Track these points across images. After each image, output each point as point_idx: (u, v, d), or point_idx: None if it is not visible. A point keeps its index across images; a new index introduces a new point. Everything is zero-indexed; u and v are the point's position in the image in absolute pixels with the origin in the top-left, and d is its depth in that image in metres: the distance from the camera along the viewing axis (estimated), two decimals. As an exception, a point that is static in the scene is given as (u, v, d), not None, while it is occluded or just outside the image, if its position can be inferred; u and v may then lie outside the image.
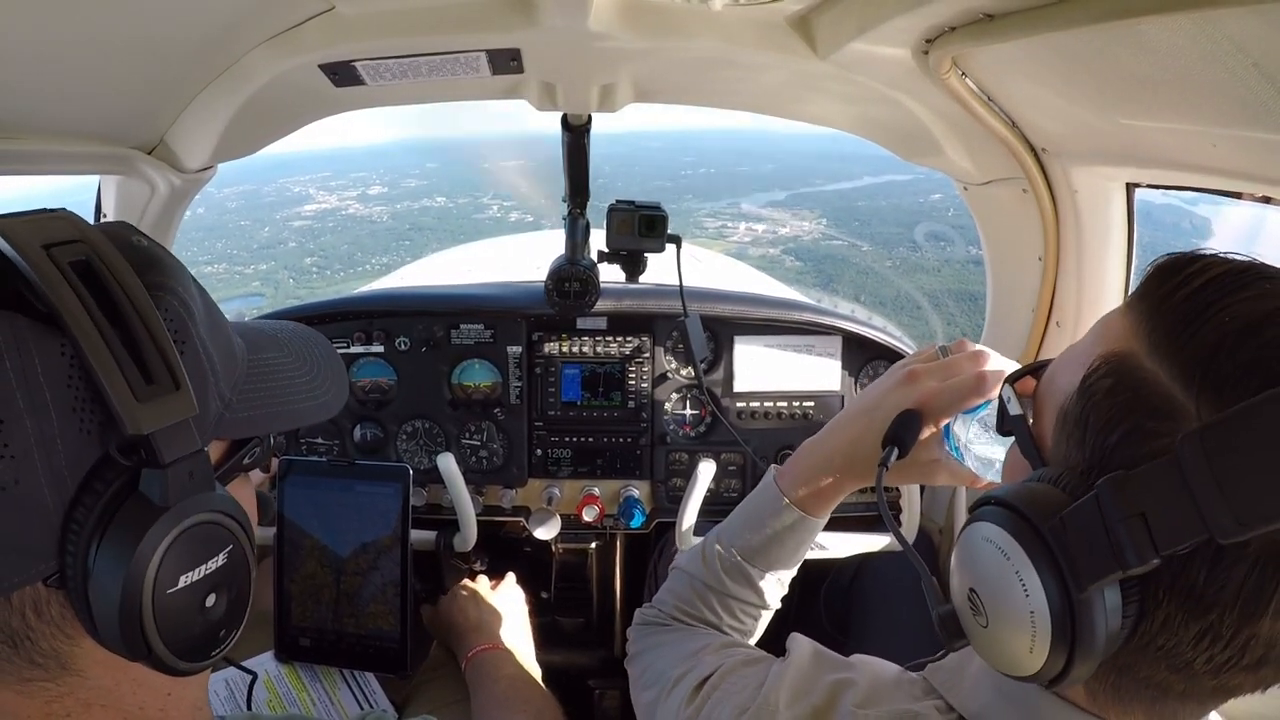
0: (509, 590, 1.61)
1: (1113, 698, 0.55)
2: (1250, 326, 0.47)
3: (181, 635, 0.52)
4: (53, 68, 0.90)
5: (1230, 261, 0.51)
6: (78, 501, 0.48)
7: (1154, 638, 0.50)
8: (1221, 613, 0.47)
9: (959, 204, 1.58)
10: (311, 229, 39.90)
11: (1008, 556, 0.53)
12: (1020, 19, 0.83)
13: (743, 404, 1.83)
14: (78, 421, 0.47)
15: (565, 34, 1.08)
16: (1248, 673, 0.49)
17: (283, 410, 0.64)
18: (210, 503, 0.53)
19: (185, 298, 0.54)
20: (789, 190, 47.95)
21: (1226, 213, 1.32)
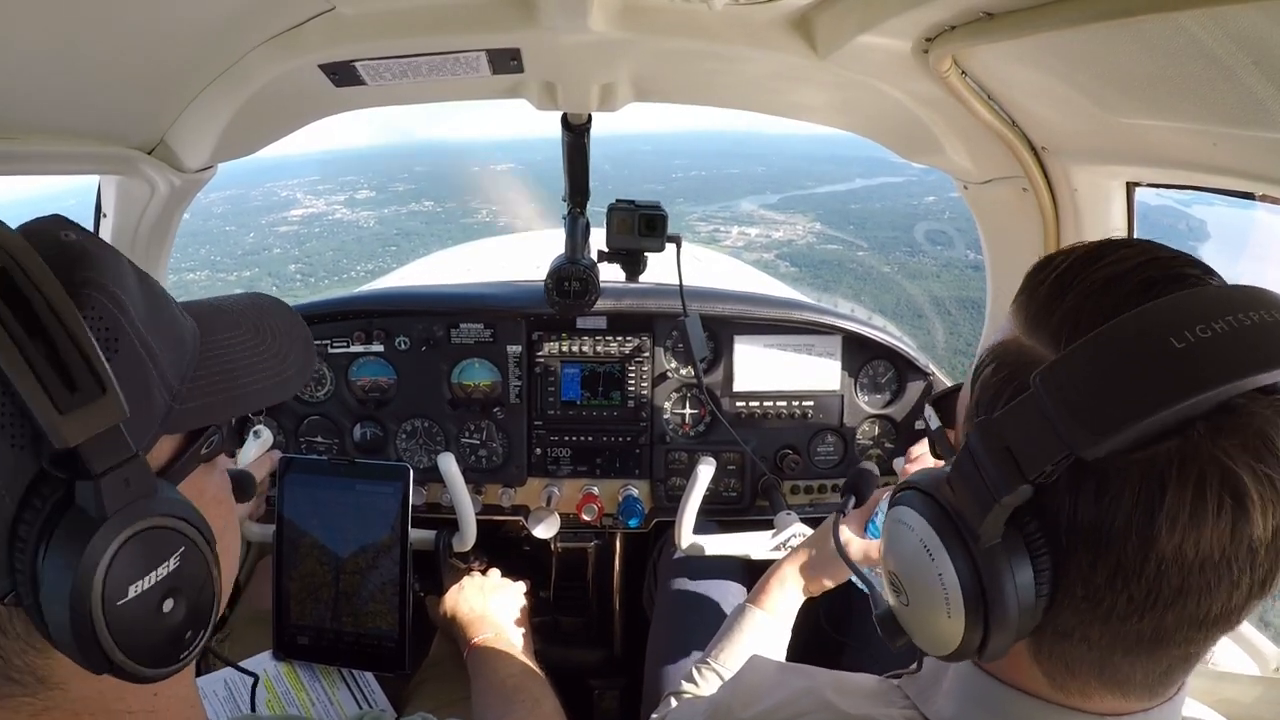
0: (510, 584, 1.62)
1: (1066, 674, 0.56)
2: (1103, 286, 0.52)
3: (141, 644, 0.51)
4: (53, 68, 0.90)
5: (1088, 245, 0.56)
6: (19, 518, 0.47)
7: (1073, 589, 0.51)
8: (1123, 544, 0.48)
9: (954, 206, 1.58)
10: (297, 234, 39.78)
11: (912, 528, 0.56)
12: (1020, 17, 0.82)
13: (742, 404, 1.83)
14: (9, 438, 0.46)
15: (565, 34, 1.08)
16: (1175, 609, 0.49)
17: (240, 394, 0.62)
18: (152, 508, 0.51)
19: (116, 292, 0.52)
20: (781, 193, 47.93)
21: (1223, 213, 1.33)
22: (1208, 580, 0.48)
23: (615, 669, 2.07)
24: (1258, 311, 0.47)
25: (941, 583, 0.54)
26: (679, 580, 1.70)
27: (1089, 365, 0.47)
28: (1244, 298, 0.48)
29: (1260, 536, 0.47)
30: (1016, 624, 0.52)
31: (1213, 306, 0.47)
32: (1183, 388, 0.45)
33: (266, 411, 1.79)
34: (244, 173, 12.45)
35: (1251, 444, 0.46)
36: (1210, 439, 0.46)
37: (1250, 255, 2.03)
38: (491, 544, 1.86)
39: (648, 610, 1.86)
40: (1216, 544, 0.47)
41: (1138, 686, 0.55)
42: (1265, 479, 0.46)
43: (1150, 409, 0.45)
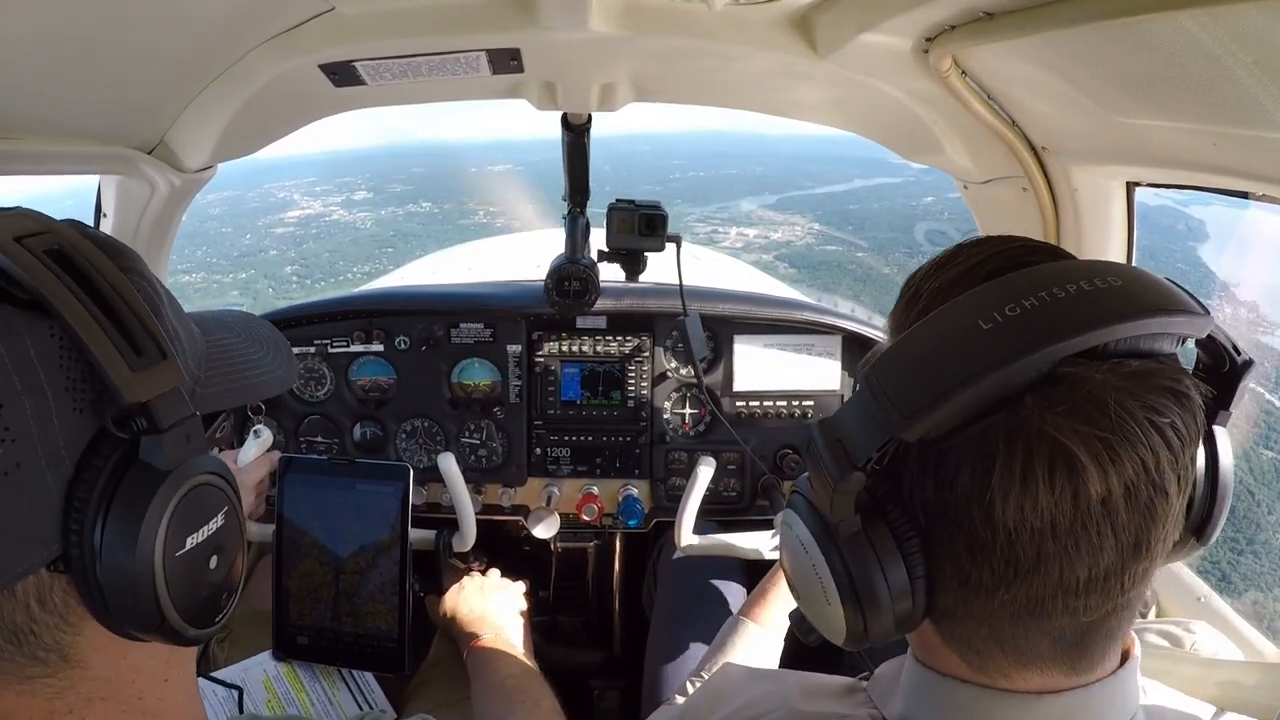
0: (510, 585, 1.62)
1: (973, 653, 0.57)
2: (950, 285, 0.57)
3: (190, 600, 0.53)
4: (53, 68, 0.90)
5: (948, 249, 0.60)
6: (77, 480, 0.48)
7: (942, 568, 0.54)
8: (970, 520, 0.50)
9: (953, 207, 1.58)
10: (294, 236, 39.69)
11: (791, 527, 0.60)
12: (1020, 17, 0.82)
13: (742, 403, 1.83)
14: (72, 400, 0.48)
15: (565, 34, 1.08)
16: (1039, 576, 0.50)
17: (244, 385, 0.66)
18: (207, 464, 0.54)
19: (150, 279, 0.57)
20: (779, 193, 47.91)
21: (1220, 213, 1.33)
22: (1064, 546, 0.49)
23: (615, 669, 2.07)
24: (1075, 283, 0.49)
25: (816, 573, 0.57)
26: (679, 580, 1.70)
27: (904, 355, 0.51)
28: (1064, 273, 0.50)
29: (1106, 497, 0.48)
30: (892, 606, 0.54)
31: (1028, 286, 0.49)
32: (986, 364, 0.47)
33: (266, 411, 1.79)
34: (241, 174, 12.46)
35: (1081, 408, 0.47)
36: (1038, 409, 0.48)
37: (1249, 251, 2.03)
38: (491, 544, 1.86)
39: (647, 610, 1.86)
40: (1060, 510, 0.48)
41: (1048, 659, 0.55)
42: (1097, 441, 0.47)
43: (954, 386, 0.47)
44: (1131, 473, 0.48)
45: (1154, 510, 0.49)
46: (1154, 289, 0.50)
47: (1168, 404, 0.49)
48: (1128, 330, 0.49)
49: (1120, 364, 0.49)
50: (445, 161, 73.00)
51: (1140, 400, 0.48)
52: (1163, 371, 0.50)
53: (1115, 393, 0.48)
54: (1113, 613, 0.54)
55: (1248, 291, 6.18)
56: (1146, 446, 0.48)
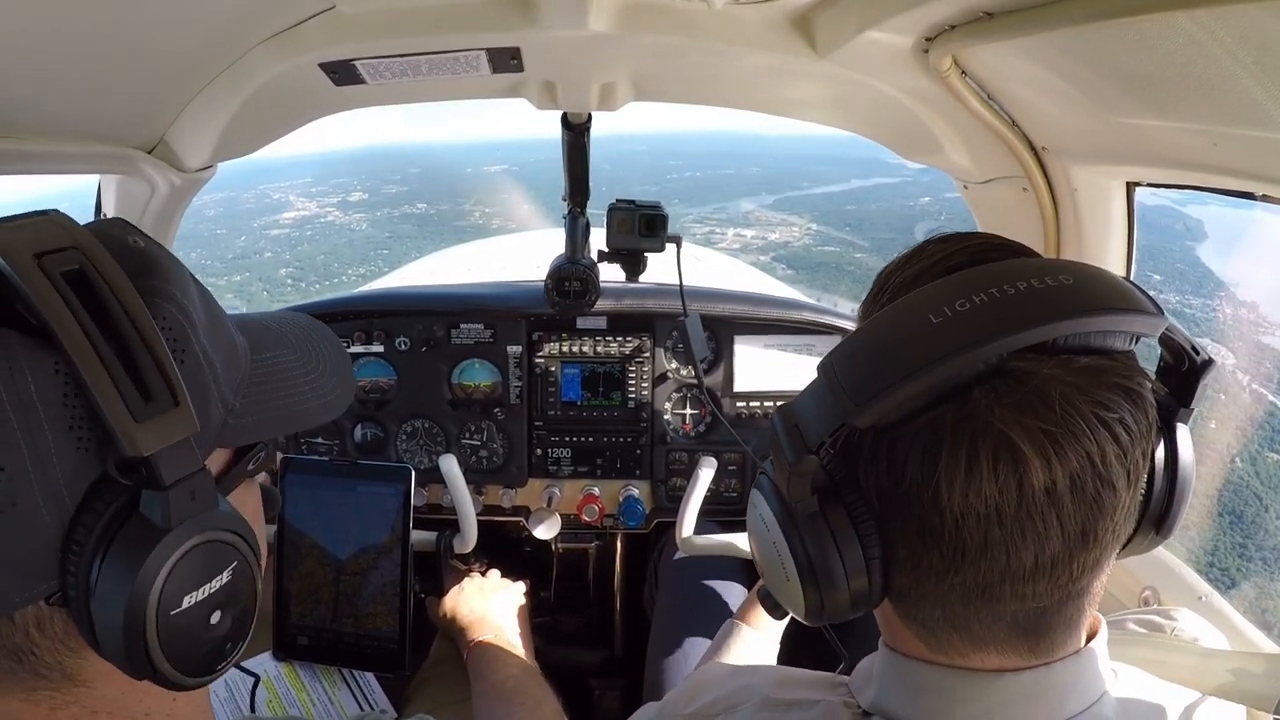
0: (511, 585, 1.62)
1: (929, 634, 0.59)
2: (914, 278, 0.58)
3: (187, 654, 0.51)
4: (53, 68, 0.90)
5: (916, 245, 0.62)
6: (77, 521, 0.47)
7: (896, 551, 0.56)
8: (920, 505, 0.52)
9: (950, 206, 1.59)
10: (289, 238, 39.26)
11: (756, 506, 0.62)
12: (1020, 17, 0.82)
13: (743, 404, 1.83)
14: (75, 439, 0.46)
15: (565, 33, 1.08)
16: (985, 562, 0.52)
17: (288, 412, 0.62)
18: (213, 521, 0.51)
19: (184, 303, 0.52)
20: (777, 194, 47.80)
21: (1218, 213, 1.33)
22: (1009, 533, 0.51)
23: (616, 669, 2.07)
24: (1025, 280, 0.50)
25: (777, 551, 0.59)
26: (679, 580, 1.70)
27: (859, 346, 0.53)
28: (1016, 270, 0.52)
29: (1049, 487, 0.49)
30: (847, 585, 0.57)
31: (979, 282, 0.51)
32: (931, 356, 0.49)
33: None
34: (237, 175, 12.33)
35: (1026, 401, 0.49)
36: (985, 401, 0.49)
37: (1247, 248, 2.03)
38: (492, 545, 1.86)
39: (648, 610, 1.86)
40: (1003, 499, 0.50)
41: (1004, 642, 0.57)
42: (1041, 434, 0.48)
43: (902, 375, 0.49)
44: (1076, 465, 0.49)
45: (1100, 502, 0.51)
46: (1106, 287, 0.52)
47: (1117, 400, 0.50)
48: (1074, 327, 0.50)
49: (1069, 360, 0.50)
50: (441, 162, 72.87)
51: (1088, 395, 0.49)
52: (1114, 369, 0.51)
53: (1061, 387, 0.49)
54: (1066, 600, 0.55)
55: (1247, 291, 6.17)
56: (1092, 440, 0.49)
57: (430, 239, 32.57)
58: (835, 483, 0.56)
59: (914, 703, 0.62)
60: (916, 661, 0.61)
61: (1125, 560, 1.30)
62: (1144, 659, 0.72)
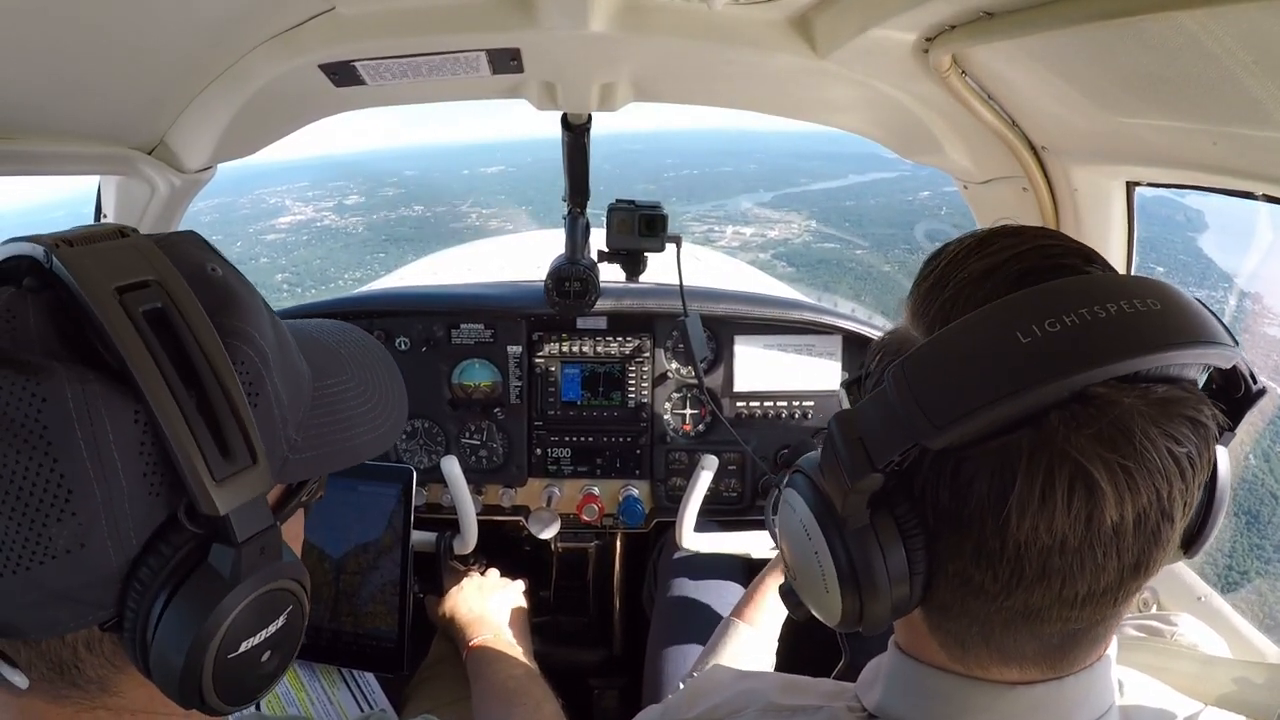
0: (510, 585, 1.62)
1: (958, 647, 0.58)
2: (982, 275, 0.54)
3: (236, 690, 0.52)
4: (53, 68, 0.90)
5: (981, 232, 0.58)
6: (142, 560, 0.47)
7: (944, 566, 0.54)
8: (980, 528, 0.50)
9: (950, 201, 1.59)
10: (285, 243, 38.81)
11: (795, 510, 0.59)
12: (1020, 17, 0.82)
13: (742, 404, 1.83)
14: (147, 486, 0.45)
15: (565, 33, 1.08)
16: (1040, 588, 0.51)
17: (345, 447, 0.60)
18: (278, 571, 0.51)
19: (261, 344, 0.51)
20: (775, 190, 47.54)
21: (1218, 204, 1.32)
22: (1069, 564, 0.49)
23: (615, 669, 2.07)
24: (1117, 303, 0.48)
25: (818, 561, 0.57)
26: (679, 580, 1.70)
27: (938, 359, 0.49)
28: (1106, 288, 0.49)
29: (1117, 524, 0.48)
30: (891, 598, 0.55)
31: (1069, 299, 0.48)
32: (1020, 381, 0.46)
33: None
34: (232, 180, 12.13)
35: (1106, 434, 0.47)
36: (1063, 429, 0.47)
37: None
38: (492, 545, 1.86)
39: (648, 610, 1.86)
40: (1071, 531, 0.48)
41: (1031, 659, 0.56)
42: (1119, 469, 0.47)
43: (986, 402, 0.46)
44: (1145, 501, 0.48)
45: (1159, 536, 0.50)
46: (1193, 316, 0.49)
47: (1187, 434, 0.48)
48: (1163, 360, 0.48)
49: (1149, 389, 0.48)
50: (438, 164, 72.72)
51: (1162, 429, 0.47)
52: (1186, 400, 0.49)
53: (1141, 420, 0.47)
54: (1102, 621, 0.55)
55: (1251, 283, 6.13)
56: (1163, 477, 0.48)
57: (427, 242, 32.31)
58: (886, 492, 0.54)
59: (922, 708, 0.61)
60: (932, 669, 0.60)
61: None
62: (1145, 665, 0.72)
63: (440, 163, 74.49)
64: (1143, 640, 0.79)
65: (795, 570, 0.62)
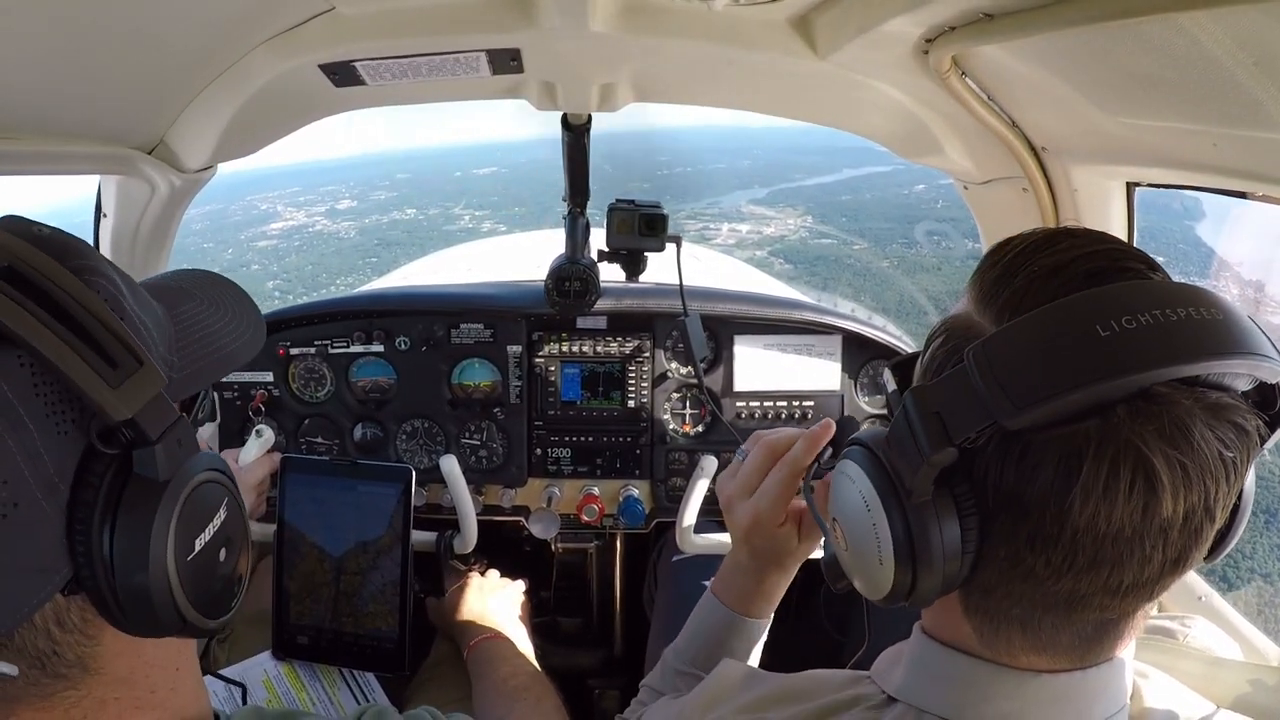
0: (510, 585, 1.62)
1: (992, 630, 0.60)
2: (1052, 270, 0.56)
3: (206, 595, 0.54)
4: (53, 68, 0.90)
5: (1046, 231, 0.60)
6: (75, 501, 0.48)
7: (996, 548, 0.56)
8: (1041, 512, 0.52)
9: (946, 195, 1.58)
10: (276, 249, 38.41)
11: (854, 481, 0.61)
12: (1020, 19, 0.82)
13: (742, 404, 1.83)
14: (54, 426, 0.47)
15: (565, 34, 1.08)
16: (1090, 575, 0.53)
17: (218, 357, 0.64)
18: (202, 463, 0.53)
19: (110, 273, 0.53)
20: (769, 187, 47.14)
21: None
22: (1120, 553, 0.52)
23: (615, 669, 2.07)
24: (1186, 308, 0.50)
25: (875, 533, 0.59)
26: (679, 580, 1.70)
27: (1019, 343, 0.52)
28: (1174, 294, 0.52)
29: (1170, 517, 0.50)
30: (942, 574, 0.57)
31: (1142, 300, 0.51)
32: (1100, 372, 0.49)
33: (267, 411, 1.79)
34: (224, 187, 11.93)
35: (1168, 431, 0.49)
36: (1129, 422, 0.50)
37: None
38: (492, 545, 1.86)
39: (648, 610, 1.86)
40: (1128, 520, 0.50)
41: (1063, 648, 0.58)
42: (1178, 464, 0.49)
43: (1068, 388, 0.49)
44: (1196, 498, 0.51)
45: (1201, 534, 0.52)
46: (1249, 330, 0.52)
47: (1235, 441, 0.51)
48: (1224, 367, 0.51)
49: (1204, 395, 0.51)
50: (430, 166, 72.33)
51: (1215, 432, 0.50)
52: (1235, 408, 0.52)
53: (1199, 422, 0.50)
54: (1133, 614, 0.58)
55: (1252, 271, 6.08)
56: (1213, 476, 0.50)
57: (419, 245, 31.97)
58: (947, 471, 0.56)
59: (944, 694, 0.62)
60: (958, 653, 0.62)
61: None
62: (1155, 664, 0.72)
63: (432, 165, 74.19)
64: (1154, 640, 0.79)
65: (849, 540, 0.63)
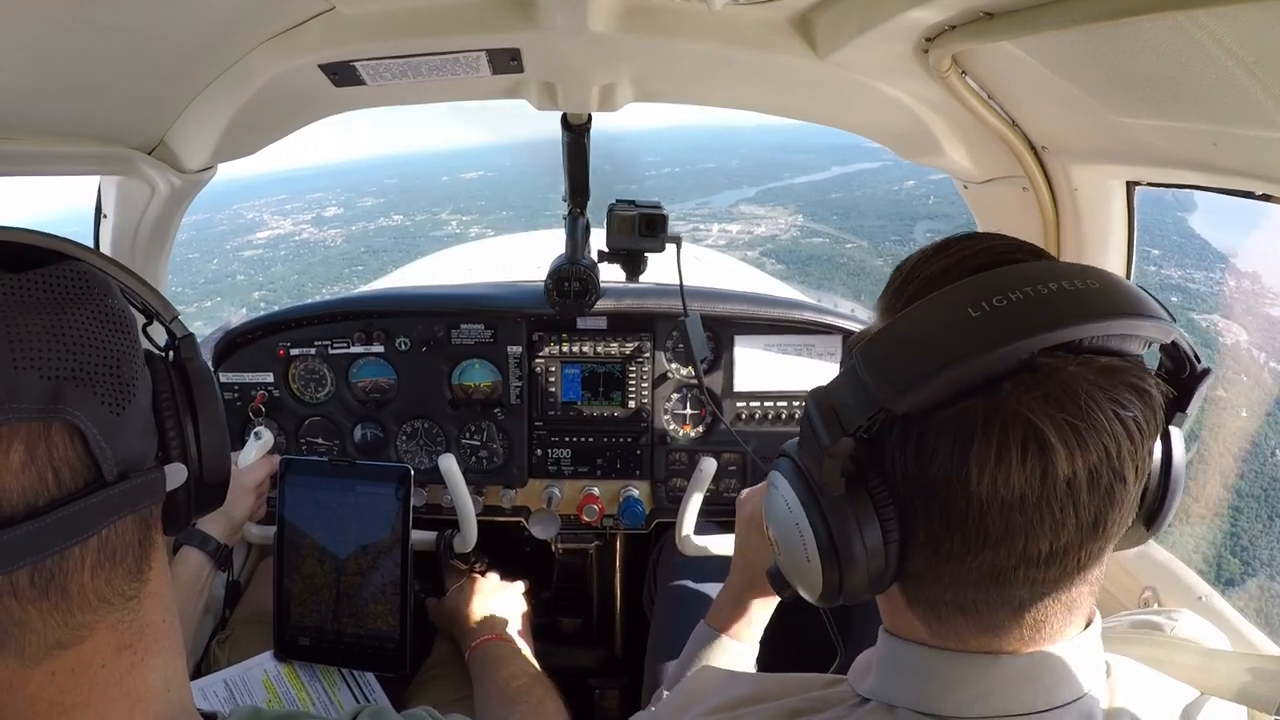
0: (511, 586, 1.62)
1: (934, 617, 0.61)
2: (941, 273, 0.61)
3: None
4: (53, 68, 0.90)
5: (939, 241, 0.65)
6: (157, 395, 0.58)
7: (916, 535, 0.58)
8: (945, 490, 0.54)
9: (937, 191, 1.59)
10: (261, 259, 38.47)
11: (778, 488, 0.65)
12: (1020, 18, 0.82)
13: (742, 404, 1.83)
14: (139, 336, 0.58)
15: (565, 34, 1.08)
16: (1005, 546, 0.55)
17: None
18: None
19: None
20: (759, 186, 47.03)
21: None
22: (1030, 520, 0.53)
23: (616, 669, 2.07)
24: (1059, 282, 0.54)
25: (799, 532, 0.62)
26: (679, 580, 1.70)
27: (899, 334, 0.56)
28: (1049, 271, 0.55)
29: (1070, 478, 0.52)
30: (867, 567, 0.59)
31: (1015, 280, 0.54)
32: (972, 347, 0.52)
33: (267, 413, 1.79)
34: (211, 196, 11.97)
35: (1054, 395, 0.52)
36: (1016, 394, 0.52)
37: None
38: (492, 545, 1.86)
39: (648, 611, 1.86)
40: (1028, 486, 0.52)
41: (1008, 629, 0.59)
42: (1066, 425, 0.51)
43: (943, 365, 0.52)
44: (1095, 458, 0.52)
45: (1113, 495, 0.54)
46: (1128, 293, 0.56)
47: (1131, 399, 0.53)
48: (1103, 329, 0.54)
49: (1091, 359, 0.53)
50: (417, 172, 72.06)
51: (1107, 393, 0.52)
52: (1129, 369, 0.54)
53: (1086, 385, 0.52)
54: (1069, 586, 0.58)
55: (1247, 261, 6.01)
56: (1110, 435, 0.52)
57: (405, 252, 31.69)
58: (860, 467, 0.58)
59: (912, 687, 0.63)
60: (916, 645, 0.63)
61: (1126, 561, 1.31)
62: (1146, 657, 0.73)
63: (419, 170, 74.00)
64: (1146, 635, 0.79)
65: (779, 544, 0.66)
